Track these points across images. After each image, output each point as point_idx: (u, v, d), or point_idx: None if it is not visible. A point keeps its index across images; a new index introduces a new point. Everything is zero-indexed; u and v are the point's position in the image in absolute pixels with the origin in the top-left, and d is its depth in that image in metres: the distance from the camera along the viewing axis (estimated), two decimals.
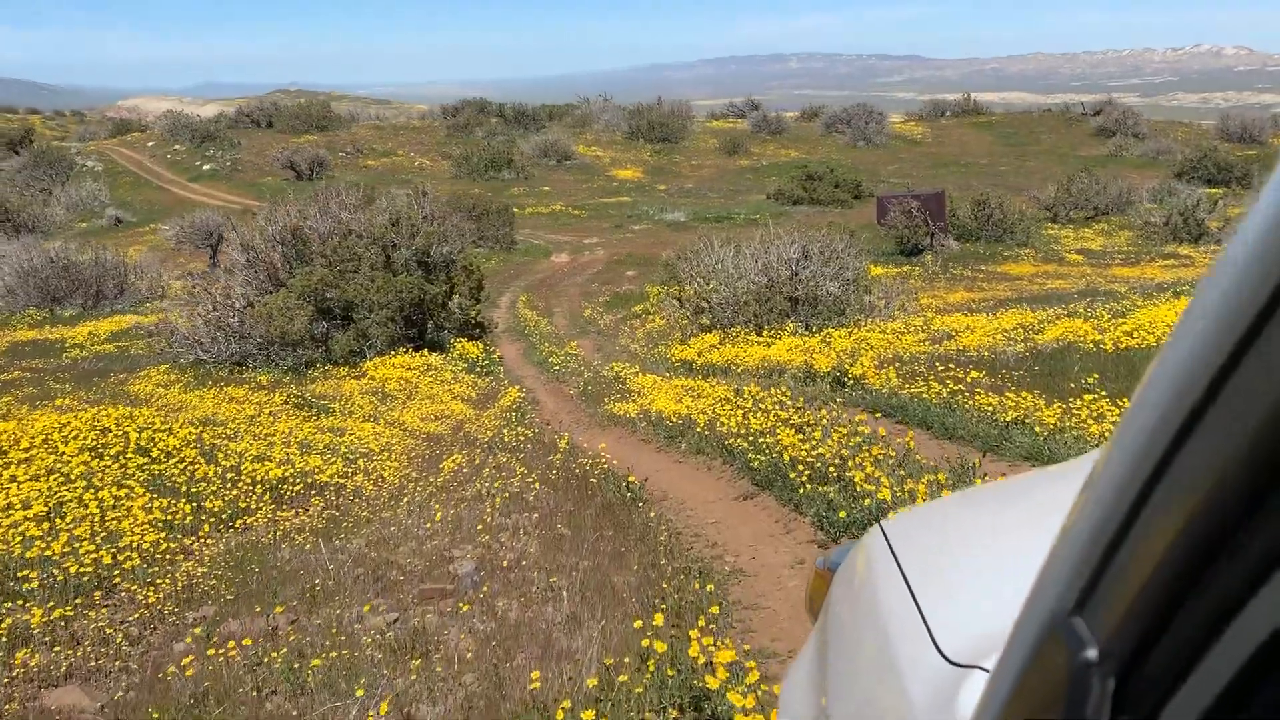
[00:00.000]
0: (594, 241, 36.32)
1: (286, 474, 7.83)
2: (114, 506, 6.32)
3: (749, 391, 9.76)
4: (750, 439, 7.94)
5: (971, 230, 31.72)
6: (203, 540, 6.34)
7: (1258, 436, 0.48)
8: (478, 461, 9.45)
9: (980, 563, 1.30)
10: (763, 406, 8.60)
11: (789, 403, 8.55)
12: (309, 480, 7.93)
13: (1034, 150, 56.82)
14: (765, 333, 14.24)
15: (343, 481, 8.22)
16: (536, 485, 7.95)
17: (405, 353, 14.91)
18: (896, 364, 10.62)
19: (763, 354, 12.77)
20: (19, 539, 5.54)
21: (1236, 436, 0.50)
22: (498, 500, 7.52)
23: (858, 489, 5.55)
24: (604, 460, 8.74)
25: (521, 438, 10.44)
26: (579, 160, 52.75)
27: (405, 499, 7.99)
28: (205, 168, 50.33)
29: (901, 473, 5.79)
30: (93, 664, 4.58)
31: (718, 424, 9.01)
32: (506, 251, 33.72)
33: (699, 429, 9.15)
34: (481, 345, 16.11)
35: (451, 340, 15.89)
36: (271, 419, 10.07)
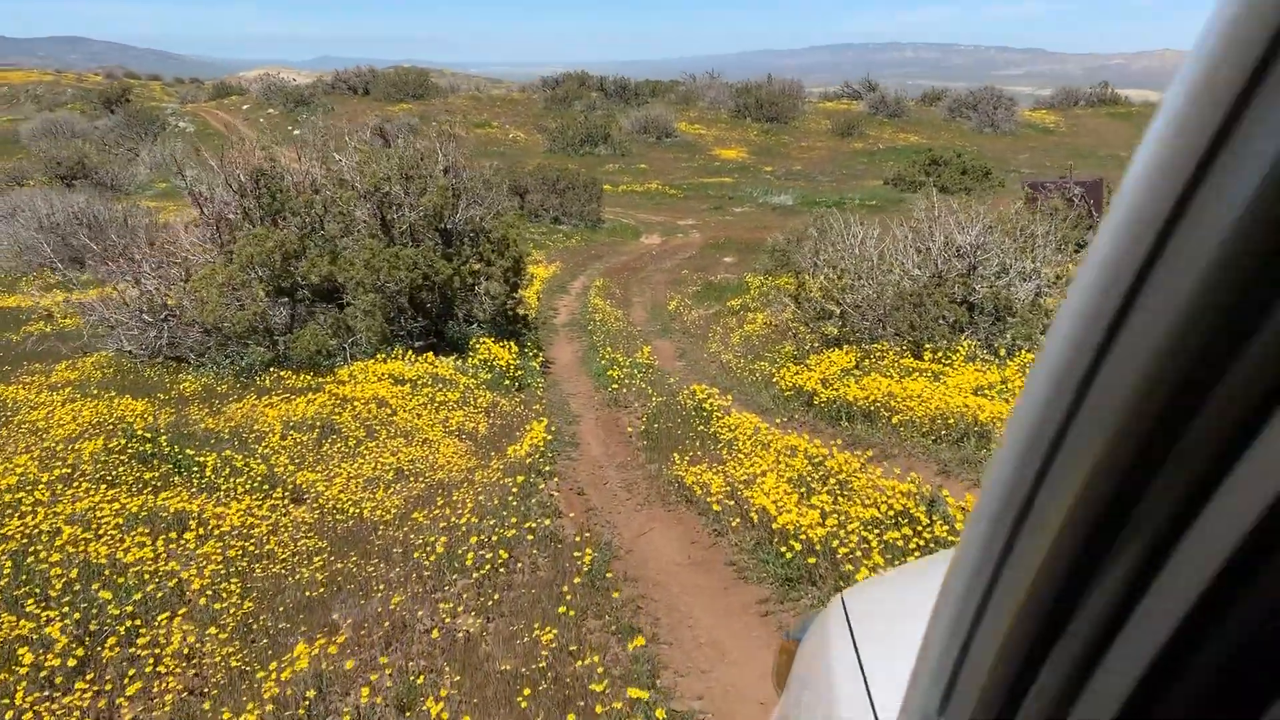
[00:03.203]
0: (690, 223, 31.20)
1: None
2: None
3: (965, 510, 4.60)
4: None
5: None
6: None
7: (1056, 548, 0.51)
8: (393, 618, 4.54)
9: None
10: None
11: None
12: None
13: None
14: (928, 354, 9.00)
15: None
16: None
17: (405, 355, 10.13)
18: None
19: (936, 396, 7.53)
20: None
21: (1044, 543, 0.52)
22: None
23: None
24: (645, 668, 3.75)
25: (515, 541, 5.55)
26: (680, 138, 47.49)
27: None
28: (295, 132, 46.71)
29: None
30: None
31: None
32: (591, 230, 28.87)
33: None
34: (516, 347, 11.20)
35: (478, 339, 11.03)
36: (58, 489, 5.32)
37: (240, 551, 4.91)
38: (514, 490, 6.50)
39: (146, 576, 4.34)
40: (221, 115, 50.63)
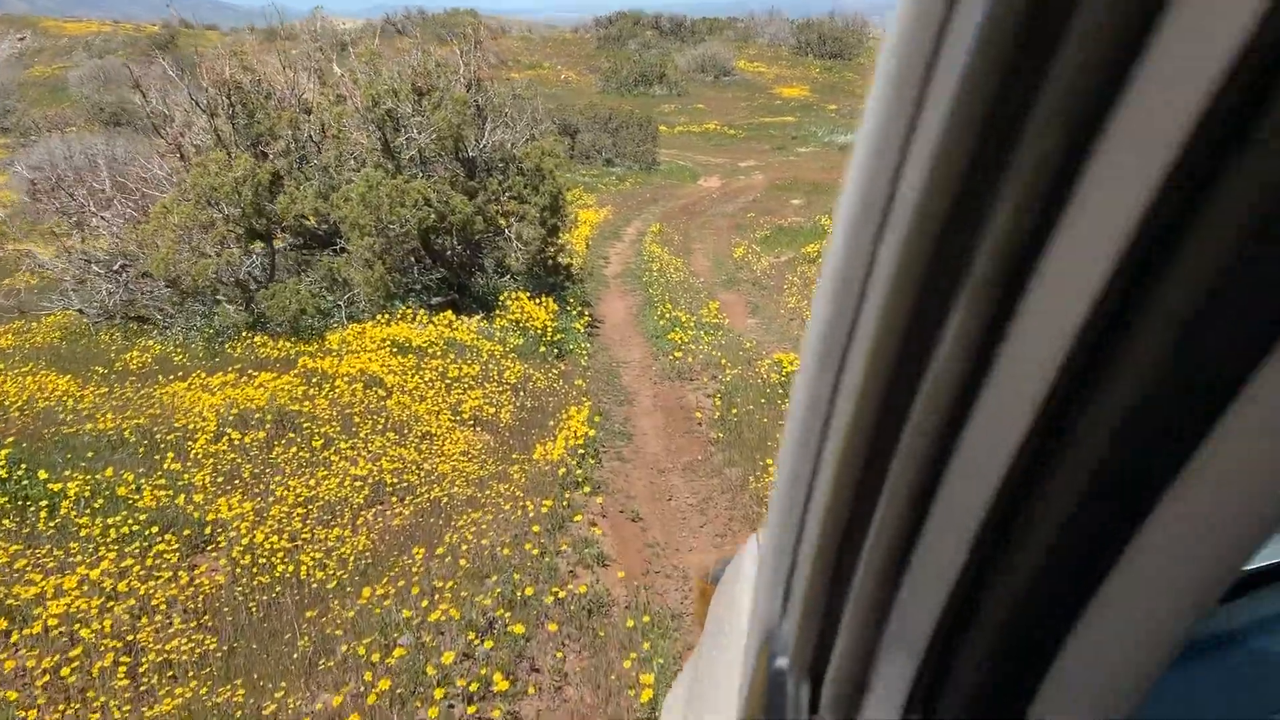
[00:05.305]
0: (751, 164, 28.55)
1: None
2: None
3: None
4: None
5: None
6: None
7: (845, 458, 0.49)
8: None
9: None
10: None
11: None
12: None
13: None
14: None
15: None
16: None
17: (416, 315, 7.94)
18: None
19: None
20: None
21: (846, 457, 0.50)
22: None
23: None
24: None
25: (526, 638, 3.31)
26: (739, 76, 44.44)
27: None
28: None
29: None
30: None
31: None
32: (646, 172, 26.44)
33: None
34: (556, 304, 8.94)
35: (510, 295, 8.80)
36: None
37: (45, 675, 2.76)
38: (535, 526, 4.28)
39: None
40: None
